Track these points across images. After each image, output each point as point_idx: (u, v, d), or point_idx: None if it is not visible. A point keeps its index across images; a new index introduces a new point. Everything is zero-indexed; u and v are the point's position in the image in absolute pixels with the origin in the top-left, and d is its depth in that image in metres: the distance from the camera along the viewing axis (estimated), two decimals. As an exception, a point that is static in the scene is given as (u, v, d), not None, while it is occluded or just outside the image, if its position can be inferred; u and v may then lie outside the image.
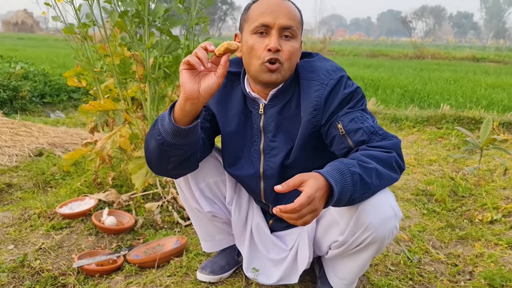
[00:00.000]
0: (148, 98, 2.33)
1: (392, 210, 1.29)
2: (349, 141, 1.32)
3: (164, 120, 1.27)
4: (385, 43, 40.73)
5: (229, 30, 71.05)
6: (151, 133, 1.33)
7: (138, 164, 2.34)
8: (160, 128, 1.27)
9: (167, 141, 1.26)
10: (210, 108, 1.48)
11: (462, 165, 3.35)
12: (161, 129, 1.27)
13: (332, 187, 1.14)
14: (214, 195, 1.61)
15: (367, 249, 1.35)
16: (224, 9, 58.37)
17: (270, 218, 1.64)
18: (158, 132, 1.28)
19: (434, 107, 5.34)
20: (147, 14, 2.15)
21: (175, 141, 1.26)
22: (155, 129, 1.29)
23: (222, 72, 1.21)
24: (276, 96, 1.41)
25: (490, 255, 2.00)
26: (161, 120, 1.28)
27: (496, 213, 2.46)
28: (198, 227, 1.73)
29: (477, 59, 16.93)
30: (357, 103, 1.37)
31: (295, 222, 1.13)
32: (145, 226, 2.22)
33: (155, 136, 1.29)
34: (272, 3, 1.33)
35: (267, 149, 1.44)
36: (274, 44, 1.30)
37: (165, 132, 1.26)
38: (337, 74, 1.37)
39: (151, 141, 1.32)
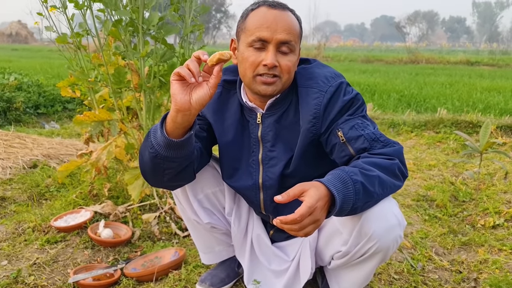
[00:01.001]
0: (143, 108, 2.29)
1: (396, 219, 1.25)
2: (350, 148, 1.29)
3: (156, 132, 1.23)
4: (380, 49, 40.94)
5: (224, 38, 71.28)
6: (144, 145, 1.29)
7: (134, 175, 2.30)
8: (152, 141, 1.23)
9: (160, 154, 1.23)
10: (206, 118, 1.44)
11: (461, 170, 3.32)
12: (154, 141, 1.23)
13: (334, 197, 1.10)
14: (213, 206, 1.57)
15: (371, 259, 1.31)
16: (219, 17, 58.56)
17: (271, 229, 1.60)
18: (150, 145, 1.24)
19: (431, 111, 5.33)
20: (141, 22, 2.12)
21: (168, 153, 1.22)
22: (148, 141, 1.26)
23: (214, 82, 1.17)
24: (273, 105, 1.38)
25: (494, 261, 1.96)
26: (154, 132, 1.24)
27: (498, 217, 2.42)
28: (197, 239, 1.69)
29: (471, 63, 17.01)
30: (357, 110, 1.34)
31: (297, 234, 1.09)
32: (143, 238, 2.18)
33: (148, 149, 1.25)
34: (270, 15, 1.28)
35: (265, 159, 1.41)
36: (271, 60, 1.27)
37: (157, 145, 1.22)
38: (336, 80, 1.34)
39: (145, 153, 1.29)
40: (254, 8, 1.34)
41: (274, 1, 1.34)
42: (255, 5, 1.35)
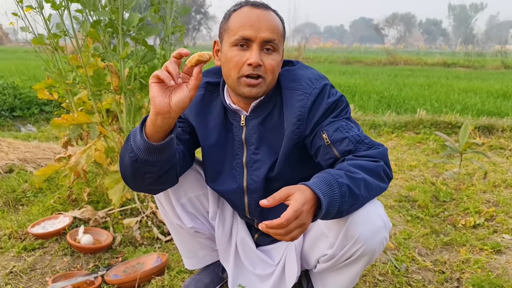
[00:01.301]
0: (124, 110, 2.24)
1: (381, 221, 1.25)
2: (334, 151, 1.28)
3: (136, 135, 1.19)
4: (359, 50, 41.39)
5: (204, 40, 71.07)
6: (124, 148, 1.26)
7: (115, 179, 2.25)
8: (132, 144, 1.20)
9: (140, 158, 1.19)
10: (189, 120, 1.42)
11: (441, 170, 3.36)
12: (133, 145, 1.19)
13: (320, 200, 1.09)
14: (197, 210, 1.54)
15: (358, 261, 1.30)
16: (198, 19, 58.30)
17: (255, 232, 1.58)
18: (130, 149, 1.20)
19: (411, 112, 5.39)
20: (121, 23, 2.07)
21: (149, 157, 1.19)
22: (127, 145, 1.22)
23: (194, 84, 1.14)
24: (257, 107, 1.36)
25: (476, 260, 1.98)
26: (133, 135, 1.21)
27: (479, 217, 2.46)
28: (180, 244, 1.66)
29: (448, 64, 17.33)
30: (341, 112, 1.33)
31: (282, 238, 1.08)
32: (124, 244, 2.13)
33: (128, 153, 1.22)
34: (253, 15, 1.27)
35: (250, 162, 1.39)
36: (255, 59, 1.25)
37: (137, 149, 1.19)
38: (320, 82, 1.33)
39: (125, 156, 1.25)
40: (237, 8, 1.33)
41: (257, 1, 1.32)
42: (237, 6, 1.33)
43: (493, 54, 25.83)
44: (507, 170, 3.30)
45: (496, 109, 5.66)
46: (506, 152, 3.84)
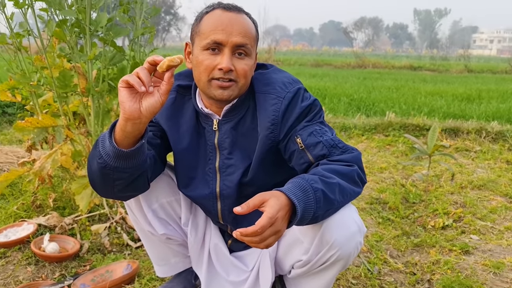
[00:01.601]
0: (91, 113, 2.17)
1: (356, 226, 1.24)
2: (308, 155, 1.27)
3: (105, 141, 1.14)
4: (328, 53, 41.99)
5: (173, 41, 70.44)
6: (93, 154, 1.21)
7: (82, 184, 2.17)
8: (101, 150, 1.15)
9: (109, 165, 1.15)
10: (160, 124, 1.38)
11: (410, 172, 3.42)
12: (102, 151, 1.15)
13: (295, 206, 1.07)
14: (169, 216, 1.50)
15: (333, 267, 1.29)
16: (168, 20, 57.72)
17: (229, 238, 1.55)
18: (99, 155, 1.15)
19: (380, 115, 5.48)
20: (88, 23, 2.01)
21: (118, 164, 1.15)
22: (96, 151, 1.17)
23: (166, 89, 1.10)
24: (230, 111, 1.33)
25: (446, 261, 2.02)
26: (102, 141, 1.16)
27: (447, 218, 2.51)
28: (151, 251, 1.61)
29: (414, 68, 17.78)
30: (315, 116, 1.32)
31: (257, 246, 1.05)
32: (92, 251, 2.06)
33: (96, 159, 1.17)
34: (225, 18, 1.24)
35: (223, 167, 1.36)
36: (226, 64, 1.22)
37: (106, 155, 1.14)
38: (294, 86, 1.32)
39: (93, 162, 1.20)
40: (209, 10, 1.30)
41: (229, 4, 1.30)
42: (209, 8, 1.30)
43: (457, 58, 26.66)
44: (473, 172, 3.39)
45: (461, 112, 5.82)
46: (471, 154, 3.95)
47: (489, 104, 6.52)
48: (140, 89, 1.05)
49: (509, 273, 1.90)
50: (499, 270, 1.91)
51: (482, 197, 2.84)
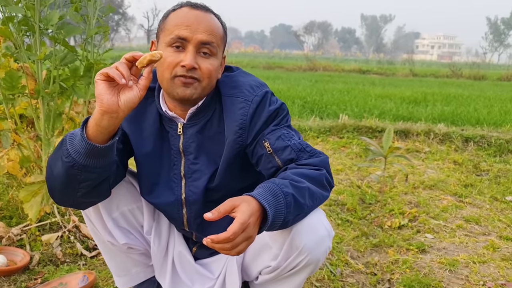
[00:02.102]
0: (41, 116, 2.05)
1: (325, 230, 1.24)
2: (277, 159, 1.25)
3: (75, 138, 1.08)
4: (279, 56, 42.49)
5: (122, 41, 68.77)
6: (56, 156, 1.13)
7: (31, 191, 2.04)
8: (69, 148, 1.08)
9: (78, 163, 1.08)
10: (122, 128, 1.31)
11: (365, 173, 3.50)
12: (71, 149, 1.08)
13: (266, 211, 1.05)
14: (130, 225, 1.43)
15: (301, 272, 1.28)
16: (117, 19, 56.23)
17: (194, 245, 1.50)
18: (66, 153, 1.08)
19: (333, 117, 5.58)
20: (38, 21, 1.89)
21: (88, 162, 1.08)
22: (62, 150, 1.10)
23: (145, 84, 1.07)
24: (195, 115, 1.29)
25: (404, 261, 2.07)
26: (70, 139, 1.09)
27: (403, 218, 2.58)
28: (111, 261, 1.53)
29: (363, 71, 18.36)
30: (282, 120, 1.31)
31: (228, 253, 1.02)
32: (43, 263, 1.94)
33: (61, 158, 1.09)
34: (191, 15, 1.21)
35: (188, 172, 1.31)
36: (190, 61, 1.18)
37: (75, 152, 1.07)
38: (261, 90, 1.30)
39: (55, 164, 1.12)
40: (176, 8, 1.26)
41: (197, 3, 1.26)
42: (177, 6, 1.27)
43: (402, 62, 27.80)
44: (424, 172, 3.52)
45: (409, 114, 6.05)
46: (422, 155, 4.10)
47: (435, 107, 6.82)
48: (120, 81, 1.01)
49: (464, 270, 1.97)
50: (454, 267, 1.98)
51: (434, 197, 2.95)
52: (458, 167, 3.74)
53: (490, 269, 1.98)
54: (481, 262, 2.03)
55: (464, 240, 2.27)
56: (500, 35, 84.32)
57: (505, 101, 7.93)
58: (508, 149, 4.20)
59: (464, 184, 3.25)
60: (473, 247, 2.21)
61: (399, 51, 73.27)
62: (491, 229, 2.44)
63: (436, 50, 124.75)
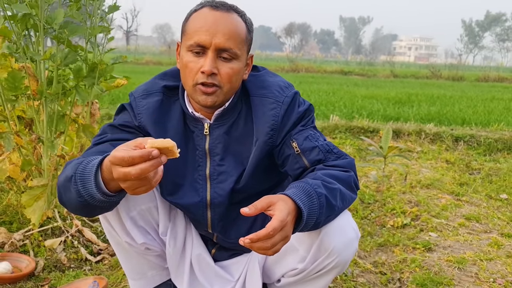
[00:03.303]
0: (44, 118, 1.99)
1: (354, 232, 1.23)
2: (304, 160, 1.24)
3: (87, 183, 1.00)
4: (260, 57, 42.53)
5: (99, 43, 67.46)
6: (66, 186, 1.07)
7: (33, 195, 1.98)
8: (81, 191, 1.01)
9: (91, 204, 1.04)
10: (146, 129, 1.28)
11: (360, 173, 3.52)
12: (84, 192, 1.01)
13: (301, 211, 1.04)
14: (148, 224, 1.39)
15: (328, 274, 1.27)
16: (95, 20, 55.14)
17: (213, 247, 1.48)
18: (78, 194, 1.02)
19: (322, 118, 5.61)
20: (42, 19, 1.83)
21: (102, 204, 1.05)
22: (72, 187, 1.03)
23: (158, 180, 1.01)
24: (222, 115, 1.27)
25: (412, 259, 2.08)
26: (82, 179, 1.01)
27: (405, 217, 2.60)
28: (126, 264, 1.49)
29: (345, 72, 18.54)
30: (309, 121, 1.31)
31: (266, 252, 1.00)
32: (48, 269, 1.88)
33: (74, 195, 1.04)
34: (211, 18, 1.17)
35: (214, 174, 1.29)
36: (209, 67, 1.16)
37: (89, 196, 1.02)
38: (290, 91, 1.29)
39: (66, 193, 1.08)
40: (197, 9, 1.23)
41: (219, 1, 1.24)
42: (198, 6, 1.24)
43: (381, 63, 28.17)
44: (419, 172, 3.56)
45: (397, 114, 6.12)
46: (414, 154, 4.15)
47: (420, 107, 6.93)
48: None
49: (472, 267, 2.00)
50: (463, 265, 2.01)
51: (432, 196, 2.98)
52: (451, 166, 3.80)
53: (498, 266, 2.01)
54: (487, 259, 2.06)
55: (468, 238, 2.30)
56: (475, 37, 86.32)
57: (487, 101, 8.12)
58: (497, 148, 4.28)
59: (459, 183, 3.29)
60: (477, 244, 2.24)
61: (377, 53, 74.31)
62: (492, 227, 2.48)
63: (413, 52, 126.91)
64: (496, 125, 5.19)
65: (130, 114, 1.29)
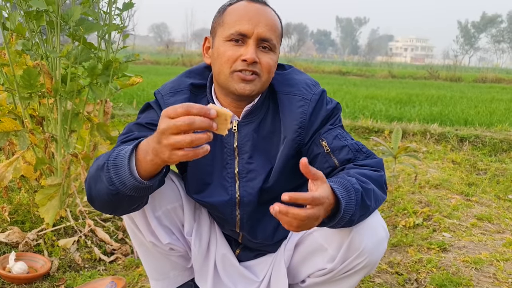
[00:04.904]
0: (58, 116, 1.97)
1: (384, 231, 1.22)
2: (334, 159, 1.23)
3: (120, 167, 1.01)
4: (257, 57, 42.41)
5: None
6: (97, 176, 1.07)
7: (47, 195, 1.96)
8: (113, 178, 1.01)
9: (122, 192, 1.03)
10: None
11: (369, 173, 3.51)
12: (116, 179, 1.01)
13: (340, 202, 1.03)
14: (172, 224, 1.38)
15: (356, 274, 1.26)
16: (91, 19, 55.04)
17: (237, 247, 1.46)
18: (109, 181, 1.02)
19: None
20: (58, 16, 1.81)
21: (134, 193, 1.04)
22: (104, 174, 1.03)
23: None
24: (251, 113, 1.26)
25: (428, 260, 2.07)
26: (115, 165, 1.01)
27: (416, 217, 2.59)
28: (149, 265, 1.47)
29: (343, 73, 18.56)
30: (337, 120, 1.31)
31: (291, 224, 0.96)
32: (62, 269, 1.86)
33: (104, 182, 1.04)
34: (252, 9, 1.19)
35: (243, 172, 1.27)
36: (251, 55, 1.16)
37: (121, 184, 1.01)
38: (318, 88, 1.28)
39: (96, 185, 1.07)
40: (233, 2, 1.24)
41: None
42: (233, 0, 1.24)
43: (378, 64, 28.22)
44: (426, 172, 3.56)
45: (399, 114, 6.12)
46: (420, 154, 4.15)
47: (422, 108, 6.93)
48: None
49: (489, 268, 1.99)
50: (480, 265, 2.00)
51: (442, 196, 2.97)
52: (457, 166, 3.80)
53: (515, 267, 2.00)
54: (504, 259, 2.06)
55: (482, 239, 2.30)
56: (471, 39, 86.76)
57: (487, 102, 8.14)
58: (502, 149, 4.29)
59: (467, 183, 3.29)
60: (492, 245, 2.23)
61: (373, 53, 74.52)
62: (504, 227, 2.48)
63: (409, 53, 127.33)
64: (500, 125, 5.20)
65: (157, 112, 1.27)
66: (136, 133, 1.23)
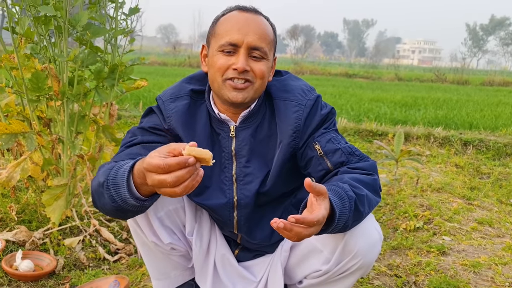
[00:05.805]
0: (65, 118, 2.02)
1: (378, 234, 1.25)
2: (327, 162, 1.27)
3: (120, 186, 1.03)
4: (264, 59, 42.43)
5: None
6: (100, 192, 1.09)
7: (53, 195, 2.01)
8: (115, 196, 1.04)
9: (124, 208, 1.06)
10: (176, 132, 1.30)
11: (371, 176, 3.53)
12: (117, 197, 1.04)
13: (335, 212, 1.06)
14: (174, 224, 1.42)
15: (351, 275, 1.29)
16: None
17: (236, 248, 1.50)
18: (111, 199, 1.05)
19: (331, 120, 5.61)
20: (66, 21, 1.86)
21: (135, 209, 1.07)
22: (105, 193, 1.06)
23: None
24: (248, 118, 1.30)
25: (427, 263, 2.09)
26: (114, 184, 1.04)
27: (417, 220, 2.61)
28: (151, 264, 1.51)
29: (349, 75, 18.54)
30: (331, 124, 1.34)
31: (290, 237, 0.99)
32: (68, 267, 1.91)
33: (108, 200, 1.07)
34: (242, 19, 1.23)
35: (240, 175, 1.31)
36: (241, 64, 1.20)
37: (122, 201, 1.04)
38: (313, 94, 1.32)
39: (100, 198, 1.11)
40: (226, 13, 1.28)
41: (246, 5, 1.28)
42: (226, 10, 1.29)
43: (385, 66, 28.14)
44: (429, 175, 3.57)
45: (404, 117, 6.13)
46: (423, 158, 4.16)
47: (427, 111, 6.93)
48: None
49: (488, 271, 2.01)
50: (478, 269, 2.02)
51: (443, 199, 2.99)
52: (460, 170, 3.81)
53: (513, 271, 2.02)
54: (502, 263, 2.08)
55: (481, 242, 2.32)
56: (479, 41, 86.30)
57: (493, 106, 8.11)
58: (506, 153, 4.29)
59: (469, 187, 3.31)
60: (491, 249, 2.25)
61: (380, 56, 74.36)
62: (504, 231, 2.49)
63: (416, 55, 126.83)
64: (505, 130, 5.20)
65: (159, 117, 1.31)
66: (140, 137, 1.28)
